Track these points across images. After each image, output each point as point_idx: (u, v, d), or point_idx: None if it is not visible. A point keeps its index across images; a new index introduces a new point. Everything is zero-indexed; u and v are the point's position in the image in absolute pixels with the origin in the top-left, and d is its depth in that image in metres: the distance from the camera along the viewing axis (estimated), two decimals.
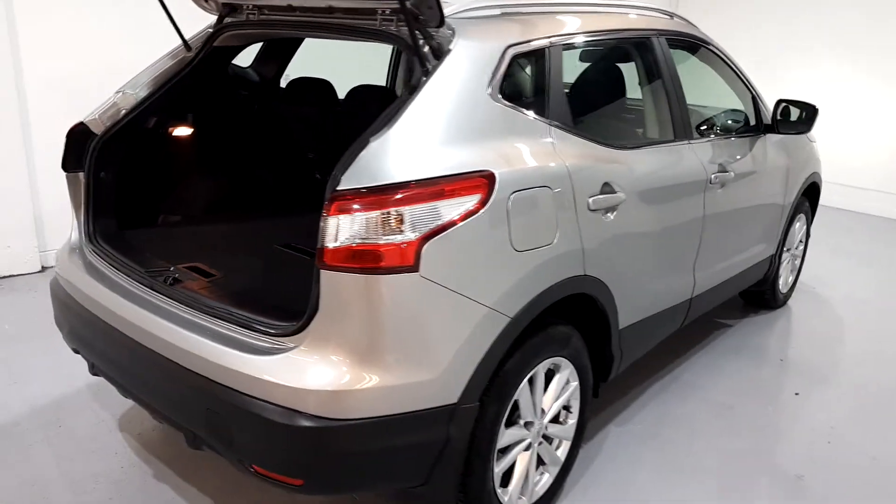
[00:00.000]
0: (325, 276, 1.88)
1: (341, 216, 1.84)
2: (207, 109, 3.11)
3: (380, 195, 1.85)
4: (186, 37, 2.86)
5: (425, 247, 1.88)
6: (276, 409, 1.92)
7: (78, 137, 2.73)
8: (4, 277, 4.63)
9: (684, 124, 3.16)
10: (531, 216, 2.18)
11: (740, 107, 3.93)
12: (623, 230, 2.61)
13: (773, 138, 3.95)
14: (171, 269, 2.46)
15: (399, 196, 1.86)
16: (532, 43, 2.39)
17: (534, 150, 2.28)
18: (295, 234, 3.04)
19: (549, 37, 2.47)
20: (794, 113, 3.94)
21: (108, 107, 2.76)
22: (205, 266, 2.55)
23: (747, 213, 3.72)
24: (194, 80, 2.90)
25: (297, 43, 3.35)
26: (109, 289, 2.43)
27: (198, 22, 2.90)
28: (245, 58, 3.20)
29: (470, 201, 1.99)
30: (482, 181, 2.02)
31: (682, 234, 3.10)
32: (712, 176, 3.22)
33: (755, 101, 3.90)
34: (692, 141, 3.19)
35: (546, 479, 2.59)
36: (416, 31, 2.11)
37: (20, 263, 4.69)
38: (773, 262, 4.34)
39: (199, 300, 2.22)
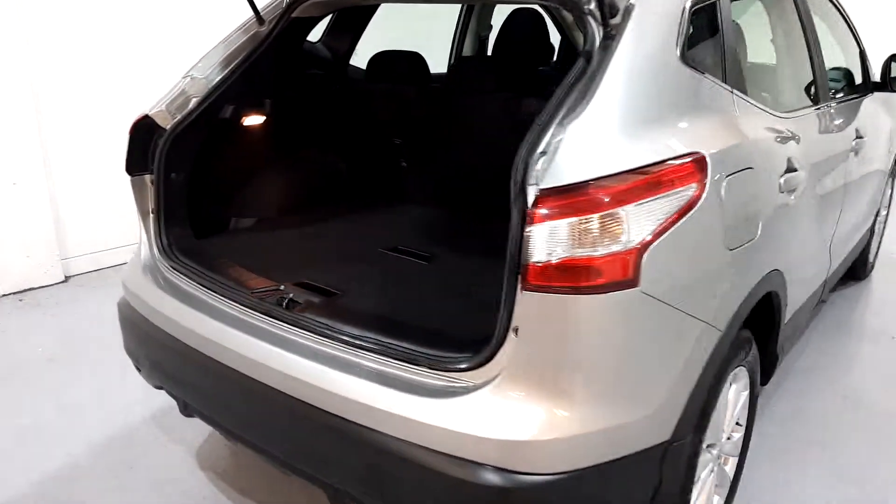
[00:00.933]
0: (527, 299, 1.48)
1: (551, 223, 1.44)
2: (285, 93, 2.67)
3: (596, 193, 1.46)
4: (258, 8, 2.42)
5: (645, 254, 1.50)
6: (468, 465, 1.54)
7: (143, 134, 2.29)
8: (25, 291, 4.18)
9: (824, 85, 2.78)
10: (740, 206, 1.81)
11: (843, 61, 3.55)
12: (800, 212, 2.25)
13: (877, 97, 3.59)
14: (281, 287, 2.04)
15: (617, 192, 1.47)
16: None
17: (724, 122, 1.89)
18: (394, 234, 2.64)
19: None
20: None
21: (175, 95, 2.32)
22: (314, 281, 2.13)
23: (867, 180, 3.37)
24: (271, 59, 2.47)
25: (371, 12, 2.90)
26: (207, 314, 2.02)
27: None
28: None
29: (686, 193, 1.60)
30: (694, 166, 1.63)
31: (829, 210, 2.74)
32: (853, 142, 2.86)
33: (863, 55, 3.52)
34: (830, 104, 2.82)
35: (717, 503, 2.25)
36: None
37: (41, 275, 4.23)
38: (872, 230, 4.02)
39: (337, 329, 1.81)
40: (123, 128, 2.34)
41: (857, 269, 4.29)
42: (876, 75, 3.58)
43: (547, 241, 1.44)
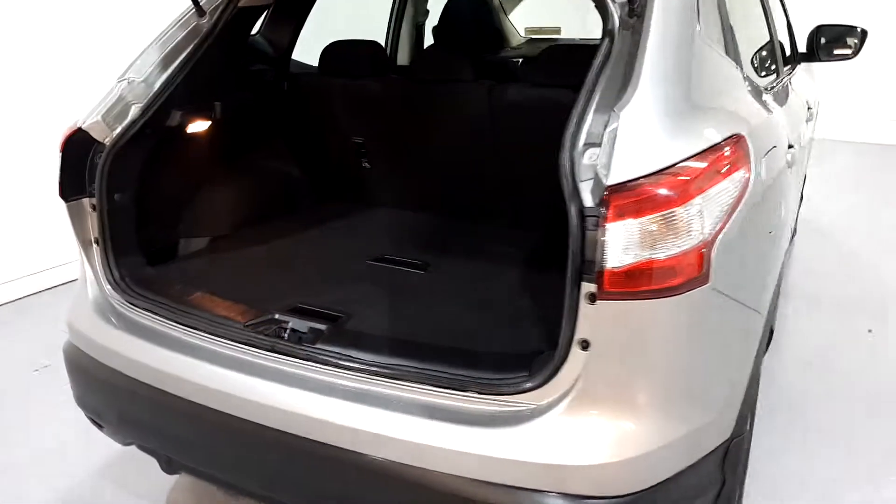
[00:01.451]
0: (598, 309, 1.33)
1: (626, 222, 1.29)
2: (234, 94, 2.38)
3: (671, 184, 1.31)
4: None
5: (714, 247, 1.37)
6: (538, 495, 1.38)
7: (76, 150, 1.96)
8: None
9: (779, 57, 2.79)
10: (772, 186, 1.73)
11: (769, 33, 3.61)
12: (792, 187, 2.22)
13: (800, 68, 3.68)
14: (275, 315, 1.79)
15: (690, 182, 1.33)
16: None
17: (744, 101, 1.81)
18: (373, 242, 2.42)
19: None
20: (836, 38, 3.65)
21: (112, 102, 1.99)
22: (309, 305, 1.89)
23: (808, 147, 3.45)
24: (216, 55, 2.18)
25: (305, 4, 2.63)
26: (189, 355, 1.74)
27: None
28: None
29: (741, 177, 1.49)
30: (741, 149, 1.53)
31: (799, 180, 2.77)
32: (807, 112, 2.89)
33: (790, 26, 3.59)
34: (784, 76, 2.83)
35: None
36: None
37: None
38: (801, 196, 4.16)
39: (359, 359, 1.58)
40: (37, 139, 1.98)
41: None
42: (800, 46, 3.66)
43: (622, 242, 1.29)
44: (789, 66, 3.29)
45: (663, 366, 1.38)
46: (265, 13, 2.58)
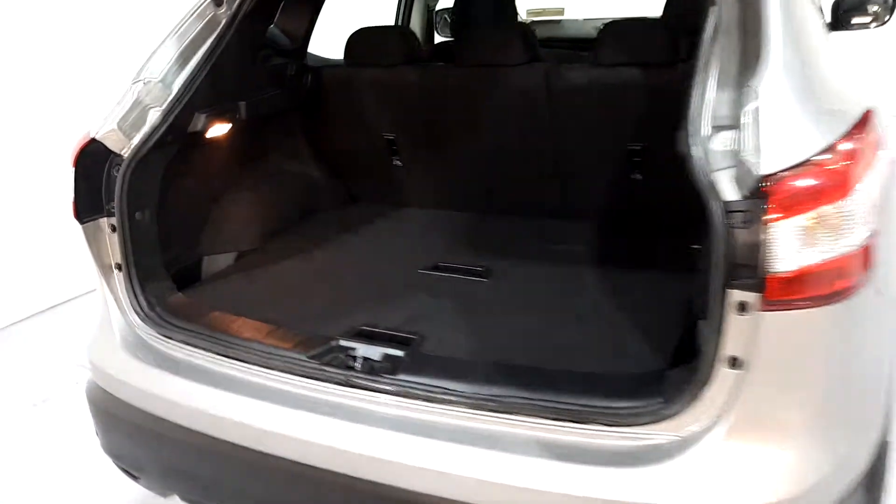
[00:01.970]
0: (758, 321, 1.12)
1: (793, 218, 1.08)
2: (259, 93, 2.13)
3: (836, 170, 1.11)
4: None
5: (875, 240, 1.18)
6: None
7: (91, 164, 1.71)
8: None
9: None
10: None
11: None
12: None
13: None
14: (340, 342, 1.56)
15: (852, 166, 1.13)
16: None
17: (850, 65, 1.61)
18: (420, 248, 2.19)
19: None
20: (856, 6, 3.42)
21: (128, 107, 1.74)
22: (374, 326, 1.66)
23: None
24: (237, 49, 1.94)
25: None
26: (243, 394, 1.51)
27: None
28: None
29: (884, 157, 1.29)
30: (875, 125, 1.33)
31: None
32: None
33: None
34: None
35: None
36: None
37: None
38: None
39: (452, 390, 1.37)
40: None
41: None
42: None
43: (787, 242, 1.08)
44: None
45: (826, 382, 1.18)
46: (282, 1, 2.33)
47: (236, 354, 1.58)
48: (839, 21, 2.98)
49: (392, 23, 3.56)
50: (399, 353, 1.49)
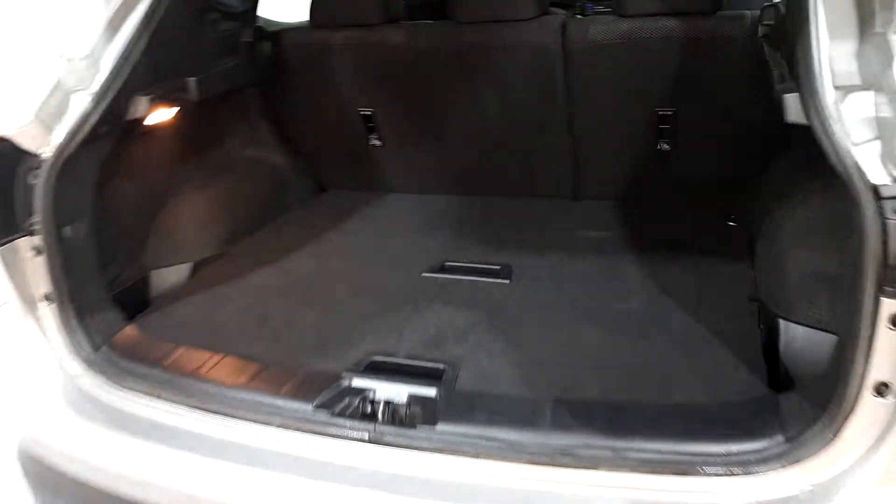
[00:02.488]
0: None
1: None
2: (205, 65, 1.72)
3: None
4: None
5: None
6: None
7: (1, 169, 1.30)
8: None
9: None
10: None
11: None
12: None
13: None
14: (349, 383, 1.21)
15: None
16: None
17: None
18: (417, 245, 1.85)
19: None
20: None
21: (46, 93, 1.33)
22: (389, 356, 1.32)
23: None
24: (180, 12, 1.54)
25: None
26: (232, 460, 1.16)
27: None
28: None
29: None
30: None
31: None
32: None
33: None
34: None
35: None
36: None
37: None
38: None
39: (516, 443, 1.06)
40: None
41: None
42: None
43: None
44: None
45: None
46: None
47: (216, 408, 1.23)
48: None
49: None
50: (430, 392, 1.17)
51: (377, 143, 2.09)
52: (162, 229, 1.75)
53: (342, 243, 1.93)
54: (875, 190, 0.89)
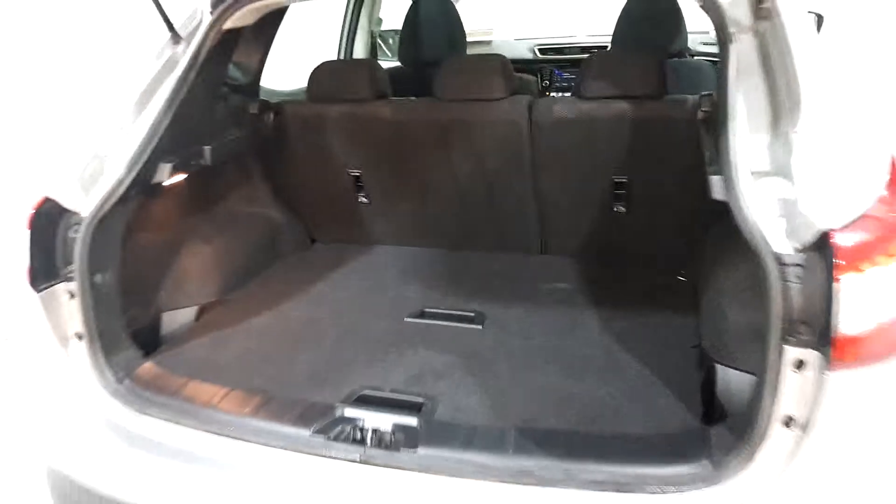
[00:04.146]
0: (833, 380, 1.07)
1: (866, 271, 1.04)
2: (219, 135, 1.96)
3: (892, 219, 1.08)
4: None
5: None
6: None
7: (48, 225, 1.52)
8: None
9: None
10: None
11: None
12: None
13: None
14: (343, 413, 1.42)
15: None
16: None
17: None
18: (399, 293, 2.08)
19: None
20: None
21: (86, 162, 1.56)
22: (375, 391, 1.53)
23: None
24: (200, 88, 1.78)
25: (282, 16, 2.23)
26: (256, 478, 1.35)
27: None
28: None
29: None
30: None
31: None
32: None
33: None
34: None
35: None
36: None
37: None
38: None
39: (486, 465, 1.26)
40: None
41: None
42: None
43: (860, 297, 1.04)
44: None
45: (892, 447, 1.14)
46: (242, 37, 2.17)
47: (227, 431, 1.42)
48: None
49: (336, 48, 3.42)
50: (412, 421, 1.38)
51: (364, 200, 2.33)
52: (173, 276, 1.95)
53: (331, 290, 2.15)
54: (778, 258, 1.09)
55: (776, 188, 1.15)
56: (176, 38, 1.76)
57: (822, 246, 1.05)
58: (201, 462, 1.40)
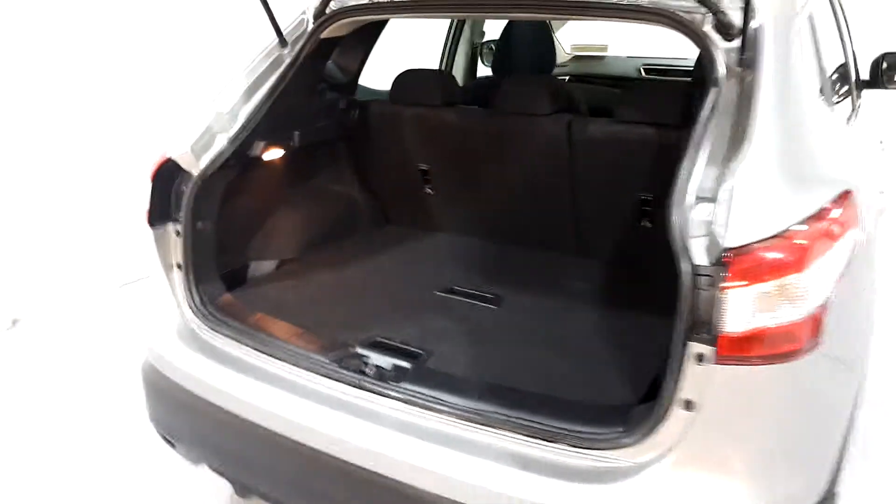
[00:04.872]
0: (711, 371, 1.31)
1: (748, 286, 1.27)
2: (312, 123, 2.39)
3: (795, 247, 1.30)
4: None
5: (827, 310, 1.35)
6: None
7: (166, 179, 1.98)
8: None
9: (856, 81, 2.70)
10: (873, 238, 1.70)
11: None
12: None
13: None
14: (357, 349, 1.80)
15: (811, 244, 1.31)
16: None
17: (841, 146, 1.79)
18: (439, 272, 2.42)
19: None
20: None
21: (200, 133, 2.01)
22: (388, 339, 1.89)
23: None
24: (297, 85, 2.20)
25: (383, 25, 2.63)
26: (271, 384, 1.76)
27: None
28: None
29: (851, 237, 1.46)
30: (851, 206, 1.50)
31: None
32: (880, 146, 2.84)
33: (853, 50, 3.46)
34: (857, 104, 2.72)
35: None
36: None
37: None
38: None
39: (448, 402, 1.59)
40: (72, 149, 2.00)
41: None
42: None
43: (741, 307, 1.27)
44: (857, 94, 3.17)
45: (771, 430, 1.37)
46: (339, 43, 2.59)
47: (270, 351, 1.82)
48: (879, 79, 2.89)
49: (440, 54, 3.81)
50: (407, 364, 1.73)
51: (430, 191, 2.71)
52: (263, 234, 2.40)
53: (385, 262, 2.55)
54: (695, 269, 1.32)
55: (709, 211, 1.37)
56: (283, 42, 2.19)
57: (720, 262, 1.28)
58: (249, 371, 1.81)
